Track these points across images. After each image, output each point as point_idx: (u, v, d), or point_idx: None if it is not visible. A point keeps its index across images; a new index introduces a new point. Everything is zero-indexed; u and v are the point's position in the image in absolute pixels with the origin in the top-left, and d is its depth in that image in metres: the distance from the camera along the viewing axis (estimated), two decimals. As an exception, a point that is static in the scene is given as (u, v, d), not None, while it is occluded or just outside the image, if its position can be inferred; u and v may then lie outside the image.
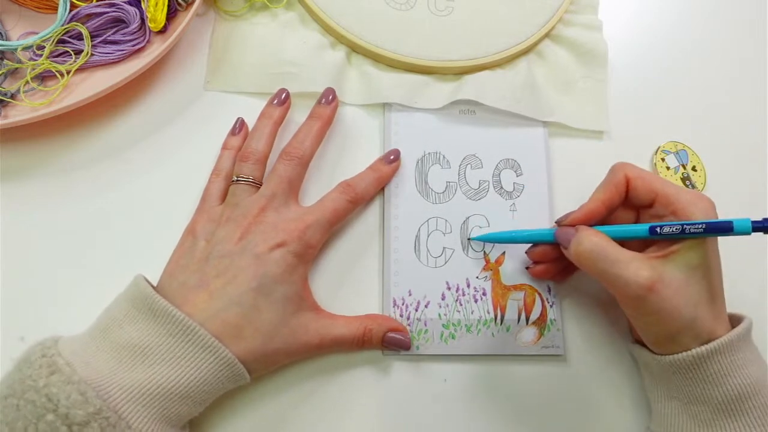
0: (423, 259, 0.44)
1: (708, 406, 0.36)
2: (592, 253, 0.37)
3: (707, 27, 0.57)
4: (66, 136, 0.44)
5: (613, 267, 0.36)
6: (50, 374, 0.31)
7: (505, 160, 0.48)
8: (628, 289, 0.36)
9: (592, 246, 0.37)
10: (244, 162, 0.42)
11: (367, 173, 0.45)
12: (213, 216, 0.41)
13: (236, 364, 0.35)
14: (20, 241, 0.41)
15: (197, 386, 0.34)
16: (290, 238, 0.39)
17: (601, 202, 0.40)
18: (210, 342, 0.34)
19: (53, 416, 0.30)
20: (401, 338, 0.40)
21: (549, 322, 0.43)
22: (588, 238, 0.37)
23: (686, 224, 0.36)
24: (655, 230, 0.37)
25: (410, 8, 0.51)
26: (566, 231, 0.40)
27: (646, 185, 0.39)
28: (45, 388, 0.30)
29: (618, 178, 0.39)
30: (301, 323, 0.38)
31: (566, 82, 0.51)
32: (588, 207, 0.40)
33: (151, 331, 0.34)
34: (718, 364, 0.36)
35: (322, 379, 0.41)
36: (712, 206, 0.38)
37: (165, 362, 0.33)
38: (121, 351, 0.34)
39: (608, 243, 0.37)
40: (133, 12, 0.45)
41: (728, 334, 0.36)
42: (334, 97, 0.46)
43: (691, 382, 0.36)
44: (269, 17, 0.50)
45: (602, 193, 0.40)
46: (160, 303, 0.35)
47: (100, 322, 0.36)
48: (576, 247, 0.38)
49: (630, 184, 0.39)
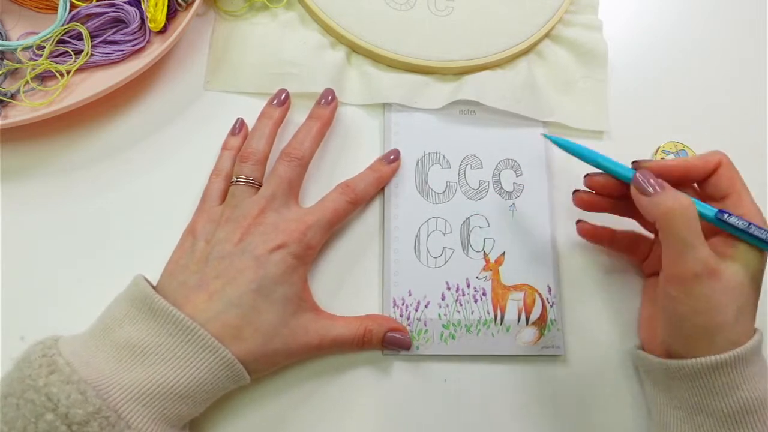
0: (423, 259, 0.44)
1: (713, 418, 0.36)
2: (681, 215, 0.36)
3: (707, 27, 0.57)
4: (66, 136, 0.45)
5: (691, 236, 0.35)
6: (50, 373, 0.31)
7: (505, 160, 0.48)
8: (694, 264, 0.35)
9: (683, 209, 0.36)
10: (244, 163, 0.42)
11: (367, 174, 0.45)
12: (213, 216, 0.41)
13: (236, 365, 0.35)
14: (20, 241, 0.42)
15: (197, 386, 0.34)
16: (290, 240, 0.39)
17: (684, 165, 0.39)
18: (210, 342, 0.34)
19: (53, 415, 0.30)
20: (401, 338, 0.40)
21: (549, 322, 0.43)
22: (680, 200, 0.36)
23: (754, 225, 0.36)
24: (722, 215, 0.36)
25: (410, 8, 0.51)
26: (650, 179, 0.37)
27: (731, 178, 0.38)
28: (45, 388, 0.30)
29: (712, 157, 0.39)
30: (301, 324, 0.38)
31: (566, 82, 0.51)
32: (668, 163, 0.39)
33: (152, 331, 0.34)
34: (728, 375, 0.35)
35: (322, 380, 0.41)
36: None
37: (165, 362, 0.33)
38: (121, 351, 0.34)
39: (696, 214, 0.36)
40: (133, 12, 0.45)
41: (741, 347, 0.35)
42: (333, 97, 0.46)
43: (698, 392, 0.36)
44: (269, 17, 0.50)
45: (688, 161, 0.39)
46: (160, 303, 0.35)
47: (101, 322, 0.36)
48: (665, 201, 0.36)
49: (718, 171, 0.39)
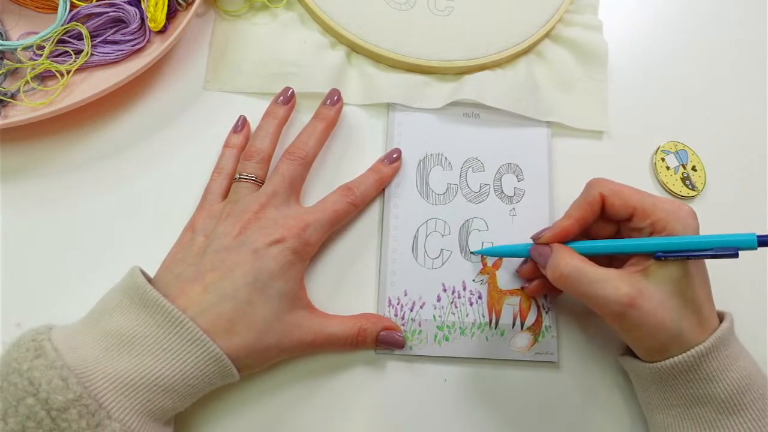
0: (420, 260, 0.44)
1: (711, 405, 0.36)
2: (570, 276, 0.37)
3: (707, 27, 0.57)
4: (66, 136, 0.45)
5: (592, 287, 0.36)
6: (35, 358, 0.31)
7: (507, 164, 0.48)
8: (609, 307, 0.36)
9: (569, 269, 0.37)
10: (248, 161, 0.42)
11: (368, 175, 0.45)
12: (213, 213, 0.41)
13: (224, 360, 0.35)
14: (20, 241, 0.42)
15: (182, 380, 0.34)
16: (289, 235, 0.39)
17: (575, 219, 0.40)
18: (198, 335, 0.34)
19: (33, 400, 0.30)
20: (395, 337, 0.41)
21: (544, 329, 0.43)
22: (564, 261, 0.37)
23: (691, 254, 0.36)
24: (661, 257, 0.36)
25: (410, 8, 0.51)
26: (542, 251, 0.40)
27: (622, 201, 0.39)
28: (28, 372, 0.30)
29: (592, 197, 0.39)
30: (295, 320, 0.38)
31: (566, 82, 0.51)
32: (561, 224, 0.40)
33: (140, 321, 0.34)
34: (716, 360, 0.36)
35: (316, 379, 0.41)
36: (691, 215, 0.37)
37: (151, 353, 0.33)
38: (109, 339, 0.33)
39: (584, 263, 0.37)
40: (133, 12, 0.45)
41: (719, 330, 0.37)
42: (339, 98, 0.46)
43: (693, 383, 0.36)
44: (269, 17, 0.50)
45: (576, 210, 0.40)
46: (151, 294, 0.35)
47: (94, 310, 0.36)
48: (553, 271, 0.38)
49: (606, 202, 0.39)
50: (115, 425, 0.31)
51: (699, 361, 0.36)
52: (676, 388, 0.37)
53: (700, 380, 0.36)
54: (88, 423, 0.30)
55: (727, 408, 0.36)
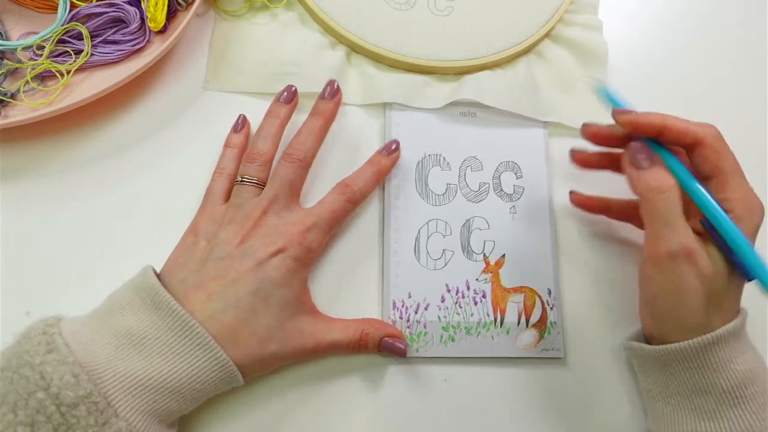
0: (423, 261, 0.44)
1: (712, 395, 0.36)
2: (661, 196, 0.36)
3: (707, 27, 0.57)
4: (66, 136, 0.44)
5: (671, 217, 0.35)
6: (47, 352, 0.31)
7: (506, 162, 0.48)
8: (671, 244, 0.35)
9: (662, 191, 0.36)
10: (250, 163, 0.42)
11: (365, 169, 0.44)
12: (215, 216, 0.41)
13: (230, 367, 0.35)
14: (20, 241, 0.41)
15: (189, 383, 0.34)
16: (290, 243, 0.39)
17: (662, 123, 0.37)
18: (207, 341, 0.34)
19: (44, 394, 0.30)
20: (398, 346, 0.40)
21: (549, 325, 0.43)
22: (664, 181, 0.36)
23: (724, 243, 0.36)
24: (705, 224, 0.36)
25: (410, 8, 0.51)
26: (642, 153, 0.37)
27: (714, 161, 0.37)
28: (40, 366, 0.31)
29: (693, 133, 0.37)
30: (297, 327, 0.38)
31: (566, 82, 0.51)
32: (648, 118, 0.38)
33: (152, 323, 0.34)
34: (723, 350, 0.36)
35: (319, 382, 0.41)
36: (761, 213, 0.37)
37: (161, 355, 0.34)
38: (120, 338, 0.34)
39: (679, 197, 0.36)
40: (133, 12, 0.45)
41: (734, 322, 0.36)
42: (337, 90, 0.45)
43: (697, 372, 0.36)
44: (269, 17, 0.50)
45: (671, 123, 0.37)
46: (164, 296, 0.35)
47: (104, 306, 0.36)
48: (649, 179, 0.36)
49: (699, 150, 0.37)
50: (121, 424, 0.31)
51: (705, 349, 0.36)
52: (678, 375, 0.37)
53: (704, 368, 0.36)
54: (96, 420, 0.30)
55: (728, 399, 0.36)
